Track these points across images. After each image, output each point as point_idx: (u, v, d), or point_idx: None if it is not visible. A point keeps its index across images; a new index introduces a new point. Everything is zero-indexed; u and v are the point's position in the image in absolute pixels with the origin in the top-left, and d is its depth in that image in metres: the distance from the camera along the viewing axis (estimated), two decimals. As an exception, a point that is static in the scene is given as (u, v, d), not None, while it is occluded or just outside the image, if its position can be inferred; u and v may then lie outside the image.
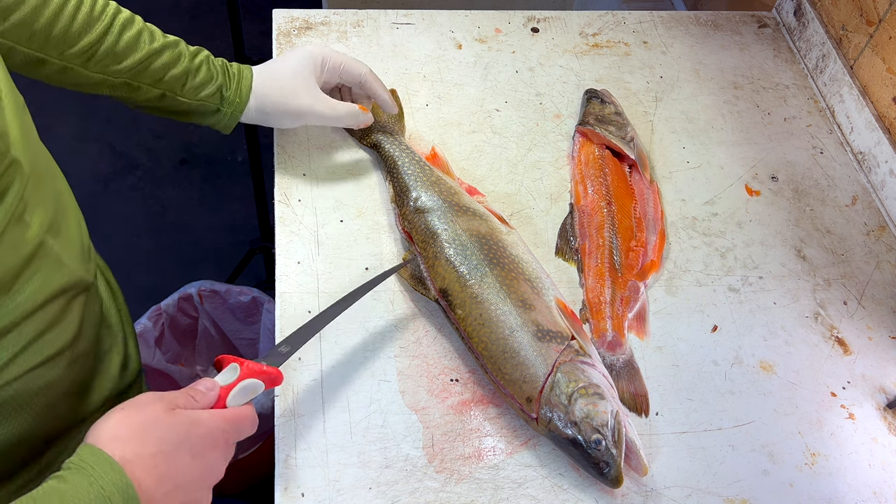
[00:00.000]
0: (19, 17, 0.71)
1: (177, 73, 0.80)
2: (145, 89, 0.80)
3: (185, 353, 1.64)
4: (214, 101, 0.83)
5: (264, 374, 0.64)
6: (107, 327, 0.77)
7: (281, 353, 0.68)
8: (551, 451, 0.74)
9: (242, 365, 0.63)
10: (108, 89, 0.80)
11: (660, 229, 0.91)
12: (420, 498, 0.70)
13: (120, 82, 0.79)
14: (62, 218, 0.67)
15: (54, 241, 0.64)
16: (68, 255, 0.66)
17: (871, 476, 0.76)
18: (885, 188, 0.99)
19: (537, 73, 1.08)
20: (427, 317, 0.82)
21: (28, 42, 0.73)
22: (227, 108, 0.84)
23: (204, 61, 0.82)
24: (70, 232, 0.68)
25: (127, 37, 0.78)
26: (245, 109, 0.84)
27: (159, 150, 2.23)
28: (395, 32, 1.09)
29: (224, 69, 0.84)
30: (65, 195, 0.69)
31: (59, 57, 0.75)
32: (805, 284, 0.90)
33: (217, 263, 2.00)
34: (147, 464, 0.54)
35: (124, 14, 0.79)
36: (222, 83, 0.83)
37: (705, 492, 0.73)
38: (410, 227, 0.84)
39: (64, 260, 0.65)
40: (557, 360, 0.73)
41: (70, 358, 0.67)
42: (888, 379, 0.83)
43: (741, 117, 1.06)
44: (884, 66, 1.01)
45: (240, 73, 0.84)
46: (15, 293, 0.59)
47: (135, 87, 0.80)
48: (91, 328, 0.72)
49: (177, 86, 0.81)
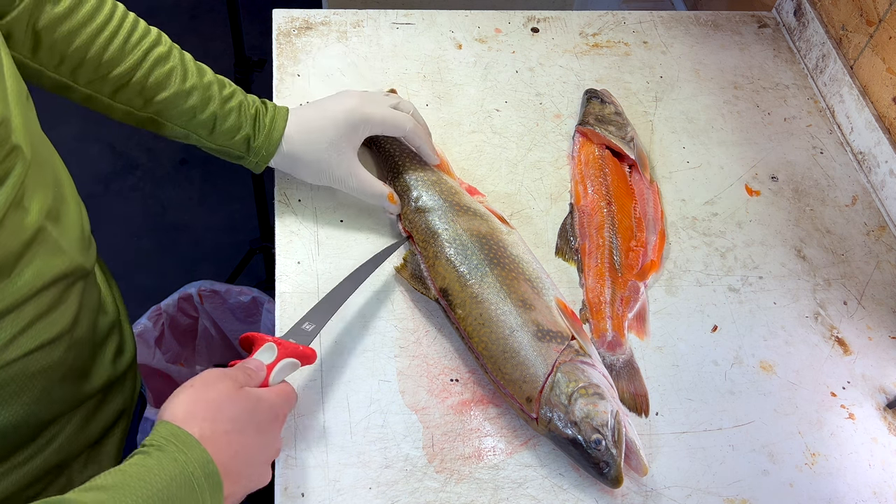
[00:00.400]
0: (49, 41, 0.70)
1: (203, 119, 0.79)
2: (170, 127, 0.79)
3: (185, 353, 1.64)
4: (241, 150, 0.82)
5: (300, 353, 0.67)
6: (104, 314, 0.77)
7: (306, 332, 0.70)
8: (551, 451, 0.74)
9: (279, 345, 0.65)
10: (134, 121, 0.79)
11: (660, 229, 0.91)
12: (420, 498, 0.70)
13: (145, 118, 0.78)
14: (62, 205, 0.67)
15: (53, 227, 0.64)
16: (67, 241, 0.66)
17: (871, 476, 0.76)
18: (885, 188, 0.99)
19: (537, 73, 1.08)
20: (427, 317, 0.82)
21: (56, 69, 0.72)
22: (253, 158, 0.82)
23: (234, 108, 0.80)
24: (70, 219, 0.68)
25: (157, 74, 0.76)
26: (272, 160, 0.83)
27: (159, 150, 2.23)
28: (395, 32, 1.09)
29: (256, 118, 0.81)
30: (65, 183, 0.70)
31: (86, 86, 0.74)
32: (805, 284, 0.90)
33: (217, 263, 2.00)
34: (222, 441, 0.57)
35: (161, 49, 0.77)
36: (249, 134, 0.81)
37: (705, 492, 0.73)
38: (411, 227, 0.84)
39: (63, 246, 0.65)
40: (557, 360, 0.73)
41: (68, 343, 0.67)
42: (888, 379, 0.83)
43: (741, 117, 1.06)
44: (884, 66, 1.01)
45: (271, 125, 0.81)
46: (15, 277, 0.60)
47: (160, 123, 0.79)
48: (89, 314, 0.72)
49: (203, 130, 0.80)
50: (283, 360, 0.66)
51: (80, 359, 0.72)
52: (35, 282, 0.62)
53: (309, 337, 0.69)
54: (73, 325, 0.68)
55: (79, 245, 0.69)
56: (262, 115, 0.82)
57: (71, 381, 0.71)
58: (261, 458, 0.62)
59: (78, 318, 0.69)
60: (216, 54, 0.80)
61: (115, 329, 0.79)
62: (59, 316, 0.66)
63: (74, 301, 0.68)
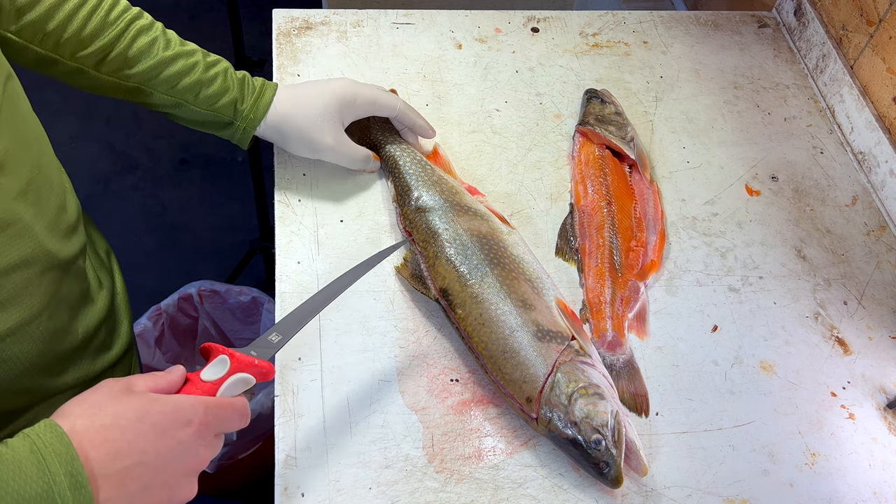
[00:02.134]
0: (33, 17, 0.71)
1: (189, 83, 0.80)
2: (158, 96, 0.80)
3: (185, 353, 1.64)
4: (228, 114, 0.83)
5: (255, 367, 0.60)
6: (90, 309, 0.75)
7: (271, 343, 0.64)
8: (551, 451, 0.74)
9: (233, 358, 0.59)
10: (122, 93, 0.80)
11: (660, 229, 0.91)
12: (420, 498, 0.70)
13: (132, 87, 0.79)
14: (42, 189, 0.65)
15: (26, 209, 0.62)
16: (41, 226, 0.64)
17: (871, 476, 0.76)
18: (885, 188, 0.99)
19: (537, 73, 1.08)
20: (427, 317, 0.82)
21: (41, 42, 0.74)
22: (241, 123, 0.83)
23: (220, 73, 0.82)
24: (49, 204, 0.66)
25: (140, 43, 0.78)
26: (260, 126, 0.84)
27: (159, 150, 2.23)
28: (395, 32, 1.09)
29: (242, 83, 0.83)
30: (51, 168, 0.68)
31: (71, 58, 0.76)
32: (805, 284, 0.90)
33: (217, 263, 2.00)
34: (98, 436, 0.51)
35: (143, 21, 0.79)
36: (237, 97, 0.82)
37: (705, 492, 0.73)
38: (411, 227, 0.84)
39: (35, 230, 0.63)
40: (557, 360, 0.73)
41: (32, 335, 0.65)
42: (888, 379, 0.83)
43: (741, 117, 1.06)
44: (884, 66, 1.01)
45: (260, 90, 0.84)
46: None
47: (147, 92, 0.80)
48: (65, 308, 0.70)
49: (189, 95, 0.81)
50: (233, 376, 0.59)
51: (52, 351, 0.68)
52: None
53: (272, 349, 0.64)
54: (39, 317, 0.65)
55: (54, 232, 0.67)
56: (250, 81, 0.84)
57: (38, 375, 0.68)
58: (166, 463, 0.54)
59: (46, 311, 0.66)
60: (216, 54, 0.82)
61: (104, 326, 0.77)
62: (20, 305, 0.62)
63: (42, 291, 0.65)
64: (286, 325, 0.66)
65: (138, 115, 2.30)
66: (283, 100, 0.84)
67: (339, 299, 0.81)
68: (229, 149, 2.24)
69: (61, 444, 0.50)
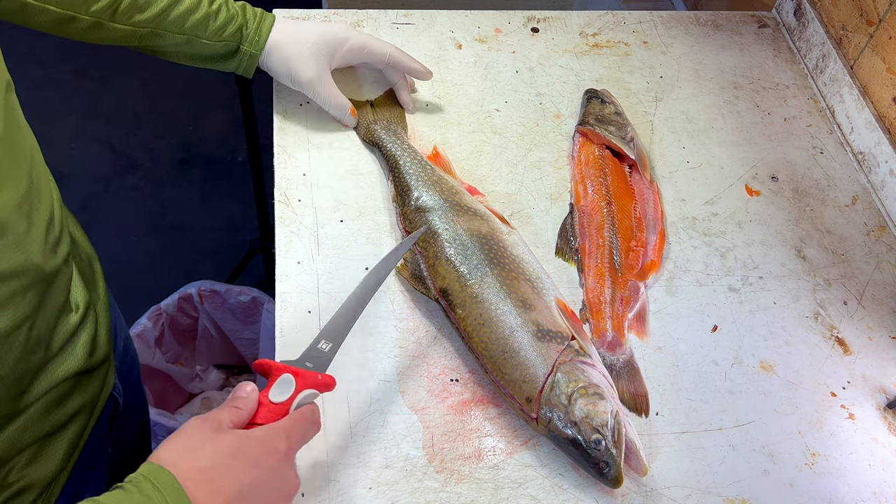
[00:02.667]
0: None
1: (197, 19, 0.86)
2: (170, 36, 0.86)
3: (185, 353, 1.64)
4: (235, 40, 0.89)
5: (319, 382, 0.63)
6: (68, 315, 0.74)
7: (324, 353, 0.66)
8: (551, 451, 0.74)
9: (297, 376, 0.62)
10: (136, 40, 0.86)
11: (660, 229, 0.91)
12: (420, 498, 0.70)
13: (146, 32, 0.85)
14: (35, 201, 0.65)
15: (19, 221, 0.62)
16: (31, 238, 0.64)
17: (871, 476, 0.76)
18: (885, 188, 0.99)
19: (537, 73, 1.08)
20: (427, 317, 0.82)
21: (58, 2, 0.79)
22: (247, 48, 0.89)
23: (223, 4, 0.88)
24: (40, 217, 0.66)
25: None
26: (264, 51, 0.90)
27: (159, 150, 2.23)
28: (395, 32, 1.09)
29: (244, 10, 0.90)
30: (42, 181, 0.67)
31: (87, 13, 0.81)
32: (805, 284, 0.90)
33: (217, 263, 2.00)
34: (200, 477, 0.55)
35: None
36: (242, 23, 0.89)
37: (705, 492, 0.73)
38: (411, 227, 0.84)
39: (26, 242, 0.63)
40: (557, 360, 0.73)
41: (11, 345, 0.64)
42: (888, 379, 0.83)
43: (741, 117, 1.06)
44: (884, 66, 1.01)
45: (261, 16, 0.90)
46: None
47: (160, 34, 0.86)
48: (46, 320, 0.69)
49: (199, 30, 0.86)
50: (301, 394, 0.62)
51: (27, 362, 0.68)
52: None
53: (326, 359, 0.66)
54: (20, 327, 0.64)
55: (42, 247, 0.66)
56: (250, 8, 0.91)
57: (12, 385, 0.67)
58: (262, 491, 0.57)
59: (28, 321, 0.65)
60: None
61: (82, 328, 0.75)
62: (4, 316, 0.62)
63: (24, 305, 0.64)
64: (332, 331, 0.68)
65: (138, 115, 2.31)
66: (280, 29, 0.90)
67: (339, 298, 0.81)
68: (229, 149, 2.25)
69: (174, 485, 0.53)
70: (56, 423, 0.73)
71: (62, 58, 2.41)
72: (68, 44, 2.43)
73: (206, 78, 2.40)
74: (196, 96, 2.36)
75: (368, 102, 0.99)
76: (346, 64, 0.95)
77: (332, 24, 0.93)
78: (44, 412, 0.71)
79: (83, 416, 0.76)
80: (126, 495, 0.53)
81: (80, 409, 0.75)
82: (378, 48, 0.94)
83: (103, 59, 2.43)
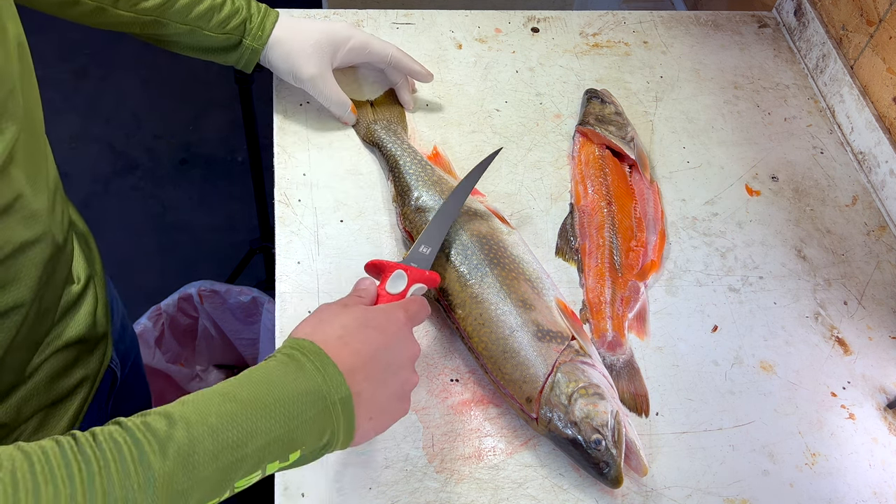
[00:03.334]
0: None
1: (202, 9, 0.86)
2: (173, 26, 0.86)
3: (185, 353, 1.64)
4: (238, 33, 0.88)
5: (427, 277, 0.71)
6: (71, 284, 0.76)
7: (425, 255, 0.74)
8: (551, 451, 0.74)
9: (408, 271, 0.69)
10: (139, 28, 0.85)
11: (660, 229, 0.91)
12: (420, 498, 0.70)
13: (149, 20, 0.85)
14: (43, 173, 0.66)
15: (34, 195, 0.63)
16: (45, 211, 0.65)
17: (871, 476, 0.76)
18: (885, 188, 0.99)
19: (537, 73, 1.08)
20: (427, 317, 0.82)
21: None
22: (249, 42, 0.89)
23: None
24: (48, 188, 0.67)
25: None
26: (266, 46, 0.90)
27: (159, 150, 2.23)
28: (395, 32, 1.09)
29: (248, 4, 0.90)
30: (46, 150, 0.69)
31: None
32: (805, 284, 0.90)
33: (217, 263, 2.00)
34: (337, 342, 0.58)
35: None
36: (246, 17, 0.89)
37: (705, 492, 0.73)
38: (411, 227, 0.84)
39: (41, 215, 0.64)
40: (557, 360, 0.73)
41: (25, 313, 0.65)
42: (888, 379, 0.83)
43: (741, 117, 1.06)
44: (884, 66, 1.01)
45: (266, 12, 0.90)
46: None
47: (163, 23, 0.85)
48: (54, 288, 0.71)
49: (203, 21, 0.86)
50: (413, 286, 0.69)
51: (35, 331, 0.69)
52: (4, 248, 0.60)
53: (428, 260, 0.74)
54: (34, 299, 0.66)
55: (52, 214, 0.67)
56: (255, 3, 0.91)
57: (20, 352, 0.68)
58: (393, 355, 0.61)
59: (41, 290, 0.67)
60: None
61: (83, 299, 0.77)
62: (22, 285, 0.64)
63: (40, 275, 0.66)
64: (430, 236, 0.77)
65: (138, 115, 2.31)
66: (284, 25, 0.90)
67: (339, 298, 0.81)
68: (229, 149, 2.25)
69: (316, 349, 0.57)
70: (60, 393, 0.75)
71: (62, 57, 2.40)
72: (69, 43, 2.43)
73: (206, 78, 2.40)
74: (196, 96, 2.36)
75: (369, 102, 0.99)
76: (347, 63, 0.95)
77: (335, 22, 0.93)
78: (48, 382, 0.73)
79: (85, 388, 0.79)
80: (276, 363, 0.56)
81: (82, 381, 0.78)
82: (380, 48, 0.94)
83: (103, 59, 2.43)
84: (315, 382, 0.55)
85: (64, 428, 0.76)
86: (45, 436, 0.72)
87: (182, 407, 0.51)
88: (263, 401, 0.53)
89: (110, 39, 2.43)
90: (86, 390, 0.79)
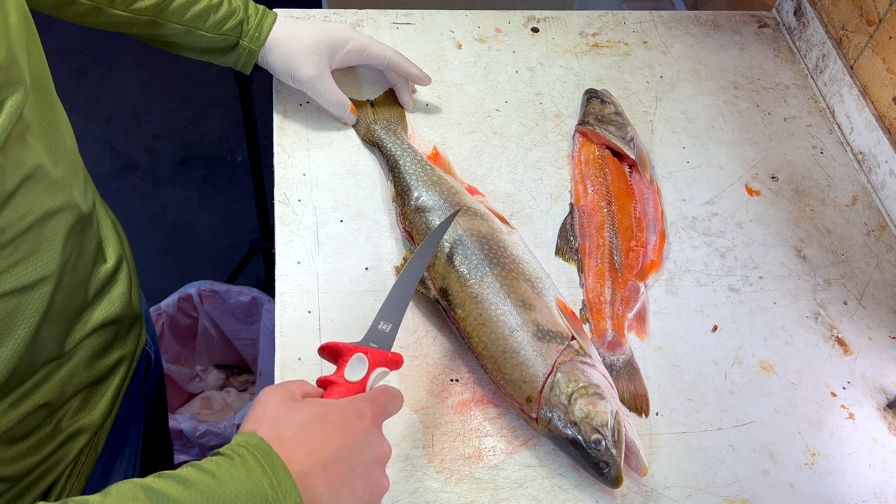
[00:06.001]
0: None
1: (198, 10, 0.86)
2: (170, 26, 0.86)
3: (185, 353, 1.64)
4: (235, 34, 0.88)
5: (390, 360, 0.64)
6: (102, 263, 0.77)
7: (385, 333, 0.66)
8: (551, 451, 0.74)
9: (368, 354, 0.62)
10: (135, 28, 0.85)
11: (660, 229, 0.91)
12: (420, 498, 0.70)
13: (146, 20, 0.85)
14: (60, 141, 0.67)
15: (54, 165, 0.64)
16: (66, 180, 0.66)
17: (871, 476, 0.76)
18: (885, 188, 0.99)
19: (537, 73, 1.08)
20: (427, 317, 0.82)
21: None
22: (247, 43, 0.89)
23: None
24: (67, 158, 0.68)
25: None
26: (263, 47, 0.90)
27: (159, 150, 2.23)
28: (395, 32, 1.09)
29: (247, 5, 0.90)
30: (63, 121, 0.70)
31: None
32: (805, 284, 0.90)
33: (217, 263, 2.00)
34: (292, 442, 0.53)
35: None
36: (243, 18, 0.89)
37: (705, 492, 0.73)
38: (411, 227, 0.84)
39: (62, 184, 0.65)
40: (557, 360, 0.73)
41: (54, 286, 0.65)
42: (888, 379, 0.83)
43: (741, 117, 1.06)
44: (884, 66, 1.01)
45: (263, 13, 0.90)
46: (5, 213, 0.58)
47: (160, 24, 0.85)
48: (84, 262, 0.72)
49: (199, 21, 0.86)
50: (375, 371, 0.62)
51: (68, 305, 0.70)
52: (20, 222, 0.60)
53: (389, 339, 0.66)
54: (65, 268, 0.66)
55: (76, 185, 0.69)
56: (253, 4, 0.91)
57: (57, 325, 0.69)
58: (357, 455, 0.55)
59: (69, 263, 0.68)
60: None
61: (114, 280, 0.78)
62: (50, 255, 0.64)
63: (69, 244, 0.67)
64: (389, 312, 0.68)
65: (138, 115, 2.31)
66: (281, 26, 0.90)
67: (339, 298, 0.81)
68: (229, 149, 2.24)
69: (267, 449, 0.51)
70: (100, 373, 0.77)
71: (62, 58, 2.40)
72: (68, 43, 2.43)
73: (206, 78, 2.40)
74: (196, 96, 2.36)
75: (368, 102, 0.99)
76: (345, 65, 0.95)
77: (334, 24, 0.93)
78: (88, 360, 0.75)
79: (123, 367, 0.80)
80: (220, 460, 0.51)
81: (120, 360, 0.80)
82: (378, 51, 0.94)
83: (103, 59, 2.43)
84: (259, 487, 0.49)
85: (105, 407, 0.77)
86: (86, 415, 0.75)
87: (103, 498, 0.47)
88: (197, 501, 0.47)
89: (110, 39, 2.43)
90: (124, 370, 0.80)
